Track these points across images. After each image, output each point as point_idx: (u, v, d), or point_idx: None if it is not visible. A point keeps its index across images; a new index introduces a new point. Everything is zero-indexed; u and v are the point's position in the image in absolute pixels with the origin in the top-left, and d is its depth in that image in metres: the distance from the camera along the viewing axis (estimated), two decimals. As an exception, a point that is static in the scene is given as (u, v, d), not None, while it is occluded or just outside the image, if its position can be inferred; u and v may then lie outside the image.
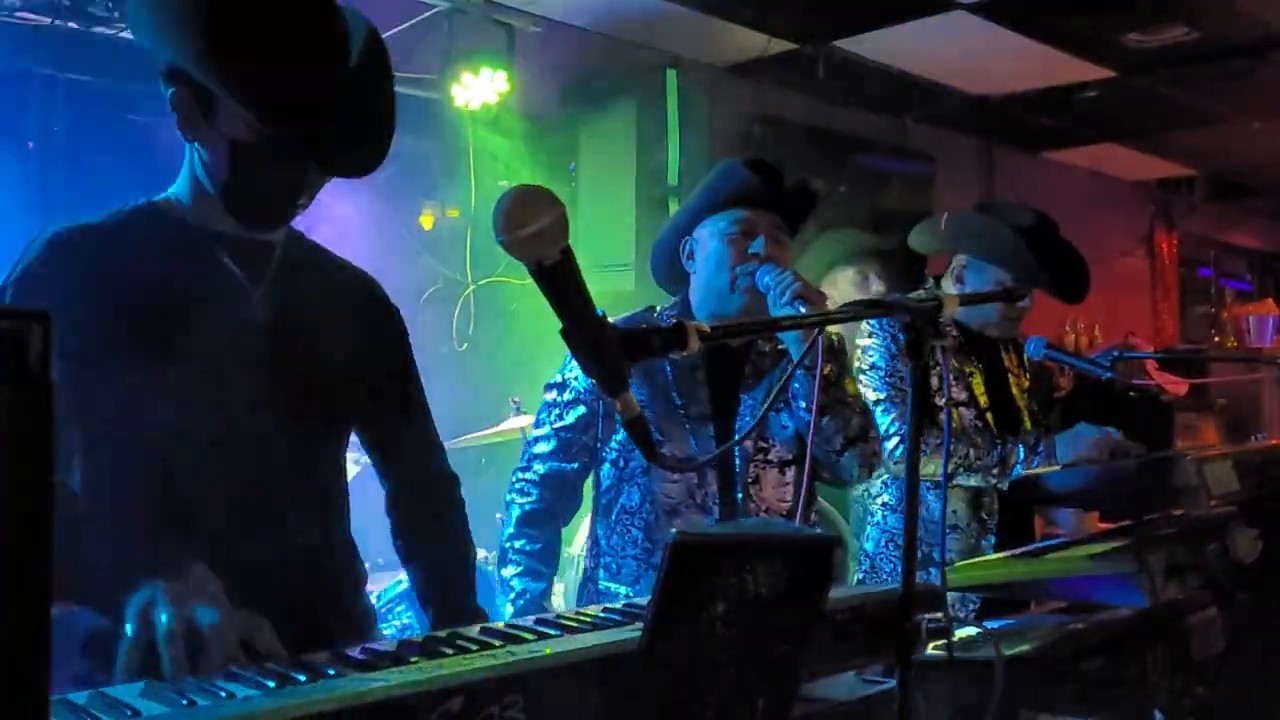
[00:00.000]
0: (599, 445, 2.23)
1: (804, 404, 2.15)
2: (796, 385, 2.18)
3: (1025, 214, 2.74)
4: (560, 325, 1.12)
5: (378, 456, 1.82)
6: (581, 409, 2.22)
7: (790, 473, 2.21)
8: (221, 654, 1.17)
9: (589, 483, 2.33)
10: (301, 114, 1.43)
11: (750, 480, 2.18)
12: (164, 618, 1.18)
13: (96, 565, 1.29)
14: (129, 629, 1.19)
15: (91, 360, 1.43)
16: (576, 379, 2.22)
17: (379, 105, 1.53)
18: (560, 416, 2.24)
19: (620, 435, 2.20)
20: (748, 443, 2.18)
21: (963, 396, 2.72)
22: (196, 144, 1.52)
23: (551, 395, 2.26)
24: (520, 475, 2.28)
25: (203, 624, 1.18)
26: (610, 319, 2.41)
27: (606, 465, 2.24)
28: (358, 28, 1.53)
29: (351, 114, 1.48)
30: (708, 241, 2.21)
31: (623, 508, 2.20)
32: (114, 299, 1.45)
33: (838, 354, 2.23)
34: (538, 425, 2.28)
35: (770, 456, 2.21)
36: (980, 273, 2.72)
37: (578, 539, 3.64)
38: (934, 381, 2.59)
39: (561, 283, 1.11)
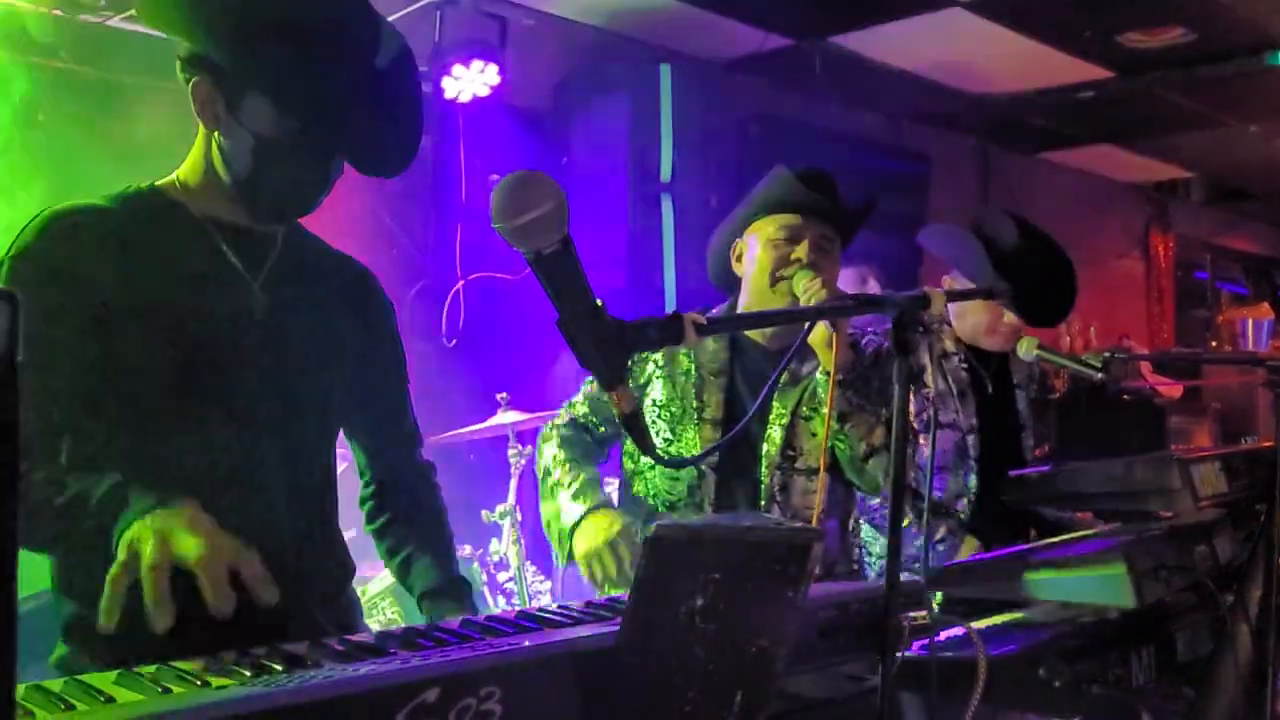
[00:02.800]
0: (622, 435, 2.32)
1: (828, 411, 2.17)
2: (823, 393, 2.20)
3: (1008, 233, 2.74)
4: (558, 316, 1.09)
5: (365, 449, 1.82)
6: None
7: (818, 480, 2.24)
8: (207, 585, 1.18)
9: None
10: (334, 114, 1.42)
11: (779, 487, 2.21)
12: (148, 549, 1.19)
13: (89, 525, 1.29)
14: (115, 564, 1.20)
15: (84, 342, 1.42)
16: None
17: (409, 105, 1.52)
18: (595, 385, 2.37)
19: None
20: (773, 451, 2.20)
21: (948, 419, 2.75)
22: (216, 133, 1.50)
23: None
24: (552, 421, 2.34)
25: (185, 554, 1.18)
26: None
27: (625, 457, 2.32)
28: (385, 27, 1.52)
29: (383, 114, 1.47)
30: (755, 246, 2.24)
31: (633, 499, 2.28)
32: (110, 282, 1.44)
33: (870, 362, 2.27)
34: (577, 393, 2.38)
35: (798, 464, 2.24)
36: (967, 285, 2.76)
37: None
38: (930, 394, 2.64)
39: (561, 272, 1.09)
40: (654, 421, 2.22)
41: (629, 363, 2.24)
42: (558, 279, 1.09)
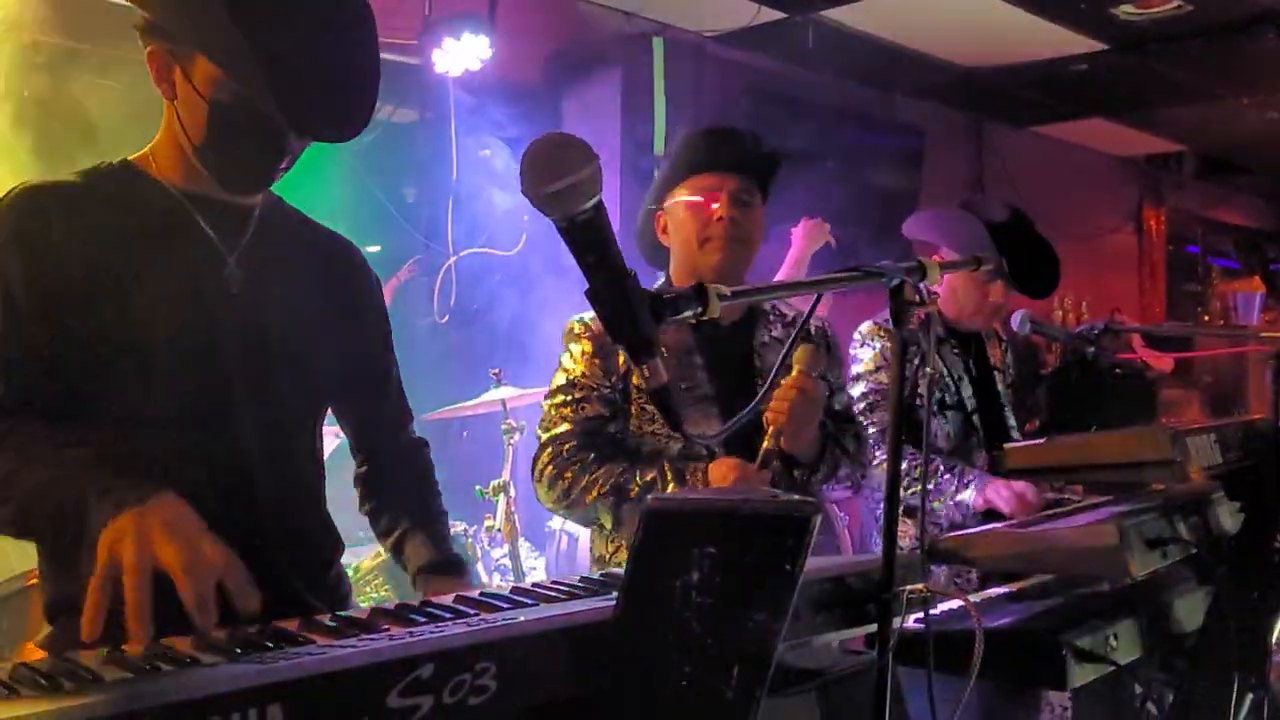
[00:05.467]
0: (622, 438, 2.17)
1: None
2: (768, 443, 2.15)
3: (999, 209, 2.84)
4: (588, 286, 1.05)
5: (354, 427, 1.80)
6: (600, 405, 2.16)
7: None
8: (191, 593, 1.15)
9: None
10: (280, 78, 1.39)
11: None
12: (129, 555, 1.16)
13: (67, 519, 1.27)
14: (96, 572, 1.18)
15: (61, 320, 1.40)
16: (583, 374, 2.15)
17: (362, 69, 1.48)
18: (578, 410, 2.16)
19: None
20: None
21: (952, 399, 2.81)
22: (176, 103, 1.48)
23: (559, 398, 2.17)
24: (544, 455, 2.14)
25: (167, 563, 1.16)
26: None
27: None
28: None
29: (333, 77, 1.44)
30: (677, 213, 2.21)
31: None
32: (84, 259, 1.42)
33: (833, 357, 2.30)
34: (556, 419, 2.17)
35: None
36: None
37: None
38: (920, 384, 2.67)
39: (593, 239, 1.04)
40: (643, 409, 2.15)
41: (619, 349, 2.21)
42: (590, 247, 1.05)
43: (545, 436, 2.15)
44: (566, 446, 2.11)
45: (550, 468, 2.11)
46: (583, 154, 1.03)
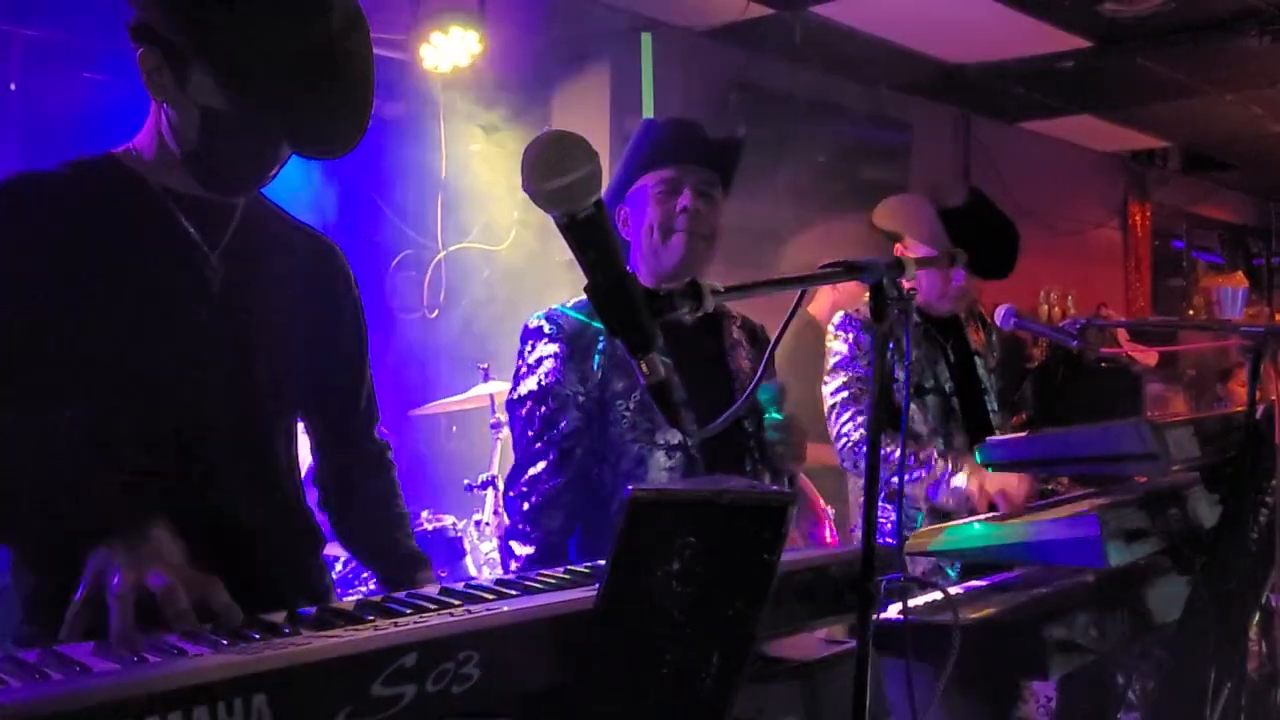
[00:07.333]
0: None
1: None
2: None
3: (956, 195, 2.85)
4: (589, 282, 1.08)
5: (317, 426, 1.78)
6: (577, 415, 2.09)
7: None
8: (173, 616, 1.16)
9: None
10: (278, 89, 1.38)
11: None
12: (115, 579, 1.17)
13: (52, 522, 1.29)
14: (81, 588, 1.19)
15: (39, 313, 1.40)
16: (556, 381, 2.08)
17: (358, 83, 1.48)
18: (552, 425, 2.08)
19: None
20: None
21: (930, 384, 2.80)
22: (164, 105, 1.47)
23: (528, 407, 2.09)
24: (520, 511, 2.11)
25: (154, 586, 1.16)
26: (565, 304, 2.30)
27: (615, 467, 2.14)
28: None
29: (330, 92, 1.43)
30: (638, 206, 2.18)
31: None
32: (65, 251, 1.42)
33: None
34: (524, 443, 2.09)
35: None
36: (918, 251, 2.82)
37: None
38: (898, 373, 2.68)
39: (594, 236, 1.06)
40: (624, 415, 2.07)
41: (592, 351, 2.08)
42: (590, 244, 1.06)
43: (524, 478, 2.08)
44: (544, 485, 2.06)
45: (531, 517, 2.07)
46: (585, 151, 1.04)
